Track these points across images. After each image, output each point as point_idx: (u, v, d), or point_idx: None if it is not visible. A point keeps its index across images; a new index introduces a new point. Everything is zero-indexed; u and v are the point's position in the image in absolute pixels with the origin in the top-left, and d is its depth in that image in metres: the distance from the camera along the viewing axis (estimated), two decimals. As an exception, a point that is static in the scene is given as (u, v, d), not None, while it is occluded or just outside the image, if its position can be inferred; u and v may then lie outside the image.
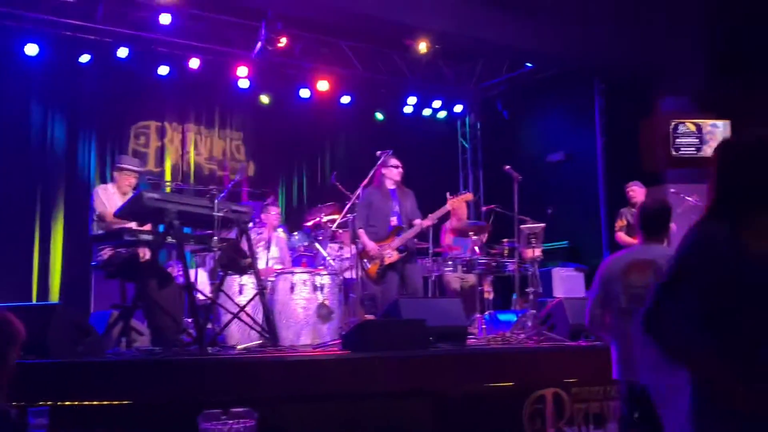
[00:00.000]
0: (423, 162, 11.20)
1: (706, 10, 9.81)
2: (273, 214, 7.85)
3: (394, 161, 7.14)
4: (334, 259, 7.68)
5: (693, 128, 9.59)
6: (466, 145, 12.44)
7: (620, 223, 8.27)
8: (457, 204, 7.35)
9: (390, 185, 7.12)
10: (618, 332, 3.64)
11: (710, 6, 9.74)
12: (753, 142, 2.21)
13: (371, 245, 6.91)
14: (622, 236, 8.20)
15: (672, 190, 8.51)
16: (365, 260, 6.88)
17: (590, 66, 10.21)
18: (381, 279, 6.93)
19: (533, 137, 11.92)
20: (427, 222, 7.02)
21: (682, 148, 9.58)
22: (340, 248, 7.84)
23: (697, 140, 9.59)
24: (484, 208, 9.60)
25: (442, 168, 12.06)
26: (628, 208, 8.26)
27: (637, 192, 8.31)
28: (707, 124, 9.59)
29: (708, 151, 9.50)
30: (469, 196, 7.60)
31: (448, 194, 7.21)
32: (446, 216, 7.90)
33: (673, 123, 9.56)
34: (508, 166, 7.43)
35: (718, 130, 9.57)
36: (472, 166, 12.36)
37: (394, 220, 7.09)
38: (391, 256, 6.90)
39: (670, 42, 9.79)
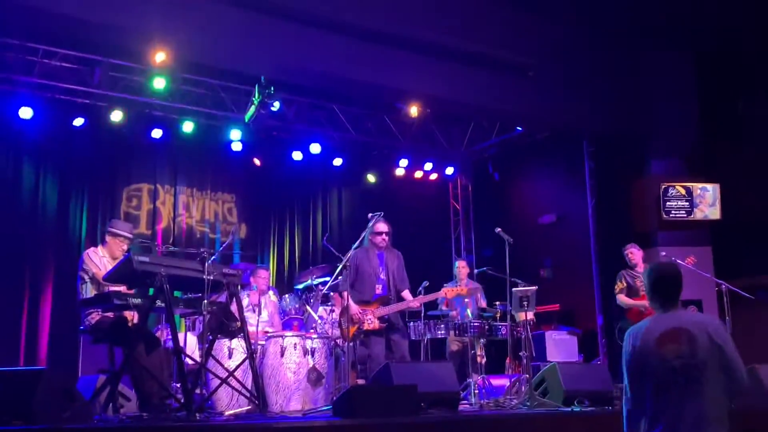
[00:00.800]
0: (415, 223, 11.27)
1: (696, 76, 10.02)
2: (262, 277, 7.83)
3: (379, 227, 7.13)
4: (325, 322, 7.59)
5: (683, 191, 9.72)
6: (458, 207, 12.41)
7: (620, 285, 8.26)
8: (451, 294, 7.38)
9: (377, 249, 7.14)
10: (652, 406, 3.51)
11: (700, 72, 9.95)
12: None
13: (354, 308, 6.89)
14: (623, 298, 8.19)
15: (663, 253, 8.54)
16: (344, 319, 6.84)
17: (579, 129, 10.33)
18: (361, 343, 6.94)
19: (525, 199, 11.93)
20: (415, 303, 7.05)
21: (672, 211, 9.69)
22: (332, 311, 7.73)
23: (687, 203, 9.71)
24: (476, 271, 9.62)
25: (434, 229, 12.04)
26: (627, 270, 8.28)
27: (635, 254, 8.31)
28: (697, 187, 9.72)
29: (698, 214, 9.60)
30: (463, 290, 7.66)
31: (444, 285, 7.34)
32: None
33: (663, 186, 9.69)
34: (499, 228, 7.44)
35: (708, 193, 9.71)
36: (464, 228, 12.32)
37: (379, 288, 7.08)
38: (372, 323, 6.90)
39: (660, 106, 9.97)
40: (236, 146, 10.28)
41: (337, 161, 11.13)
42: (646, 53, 9.88)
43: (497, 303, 8.43)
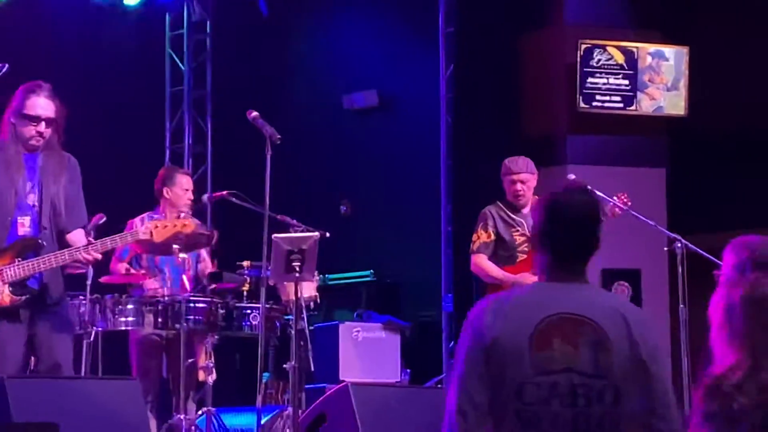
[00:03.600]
0: (91, 98, 11.36)
1: None
2: None
3: (38, 105, 6.96)
4: None
5: (620, 57, 10.10)
6: (182, 67, 12.63)
7: (482, 236, 8.44)
8: (159, 235, 7.23)
9: (25, 148, 7.04)
10: None
11: None
12: None
13: None
14: (481, 262, 8.42)
15: (572, 175, 8.79)
16: None
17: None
18: None
19: (318, 61, 12.32)
20: (89, 253, 6.91)
21: (597, 96, 9.99)
22: None
23: (627, 82, 10.10)
24: (208, 197, 9.92)
25: (131, 108, 12.00)
26: (500, 207, 8.46)
27: (526, 181, 8.46)
28: (647, 50, 9.85)
29: (646, 103, 9.73)
30: (185, 225, 7.44)
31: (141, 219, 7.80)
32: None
33: (582, 45, 10.02)
34: (254, 113, 7.58)
35: (667, 63, 9.87)
36: (191, 109, 12.58)
37: (24, 224, 6.96)
38: None
39: None
40: None
41: None
42: None
43: (245, 264, 8.60)
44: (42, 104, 6.94)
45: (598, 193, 8.05)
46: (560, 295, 3.63)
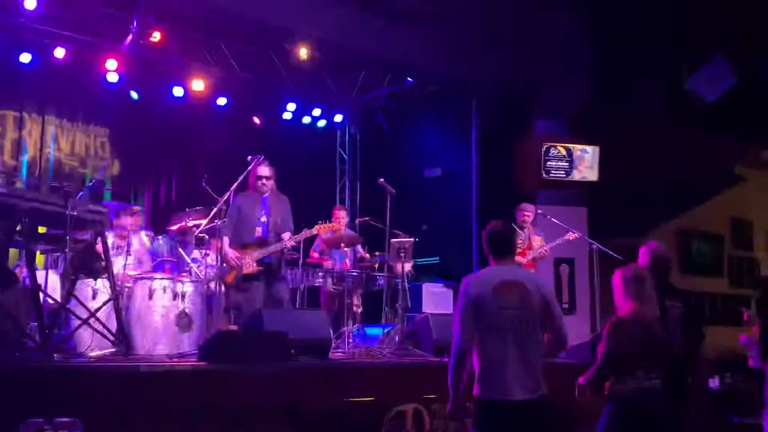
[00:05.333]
0: (300, 170, 11.06)
1: (583, 38, 10.23)
2: (124, 219, 7.56)
3: (259, 170, 7.06)
4: (199, 266, 7.47)
5: (563, 152, 9.88)
6: (345, 156, 12.51)
7: None
8: (324, 231, 7.33)
9: (261, 194, 7.08)
10: (484, 350, 3.89)
11: (588, 33, 10.16)
12: None
13: (230, 253, 6.85)
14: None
15: (539, 211, 8.65)
16: (224, 266, 6.79)
17: (470, 85, 10.43)
18: (239, 288, 6.90)
19: (412, 151, 11.91)
20: (289, 242, 7.01)
21: (552, 171, 9.87)
22: (206, 254, 7.65)
23: (567, 164, 9.89)
24: (358, 220, 9.73)
25: (320, 177, 12.02)
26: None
27: (529, 217, 8.25)
28: (577, 148, 9.97)
29: (577, 175, 9.95)
30: (337, 226, 7.57)
31: (319, 222, 7.25)
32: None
33: (545, 146, 9.84)
34: (381, 179, 7.50)
35: (587, 155, 10.01)
36: (350, 177, 12.44)
37: (259, 231, 7.03)
38: (250, 266, 6.87)
39: (546, 66, 10.12)
40: (112, 77, 9.85)
41: (221, 100, 10.87)
42: (543, 19, 9.97)
43: (377, 253, 8.60)
44: (264, 170, 7.05)
45: (551, 218, 8.28)
46: (504, 271, 4.02)
